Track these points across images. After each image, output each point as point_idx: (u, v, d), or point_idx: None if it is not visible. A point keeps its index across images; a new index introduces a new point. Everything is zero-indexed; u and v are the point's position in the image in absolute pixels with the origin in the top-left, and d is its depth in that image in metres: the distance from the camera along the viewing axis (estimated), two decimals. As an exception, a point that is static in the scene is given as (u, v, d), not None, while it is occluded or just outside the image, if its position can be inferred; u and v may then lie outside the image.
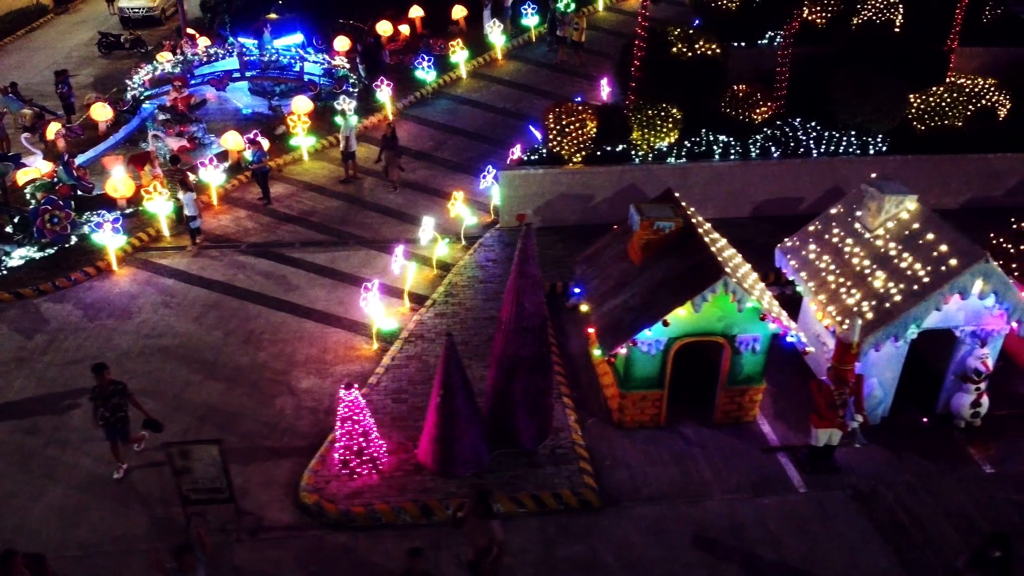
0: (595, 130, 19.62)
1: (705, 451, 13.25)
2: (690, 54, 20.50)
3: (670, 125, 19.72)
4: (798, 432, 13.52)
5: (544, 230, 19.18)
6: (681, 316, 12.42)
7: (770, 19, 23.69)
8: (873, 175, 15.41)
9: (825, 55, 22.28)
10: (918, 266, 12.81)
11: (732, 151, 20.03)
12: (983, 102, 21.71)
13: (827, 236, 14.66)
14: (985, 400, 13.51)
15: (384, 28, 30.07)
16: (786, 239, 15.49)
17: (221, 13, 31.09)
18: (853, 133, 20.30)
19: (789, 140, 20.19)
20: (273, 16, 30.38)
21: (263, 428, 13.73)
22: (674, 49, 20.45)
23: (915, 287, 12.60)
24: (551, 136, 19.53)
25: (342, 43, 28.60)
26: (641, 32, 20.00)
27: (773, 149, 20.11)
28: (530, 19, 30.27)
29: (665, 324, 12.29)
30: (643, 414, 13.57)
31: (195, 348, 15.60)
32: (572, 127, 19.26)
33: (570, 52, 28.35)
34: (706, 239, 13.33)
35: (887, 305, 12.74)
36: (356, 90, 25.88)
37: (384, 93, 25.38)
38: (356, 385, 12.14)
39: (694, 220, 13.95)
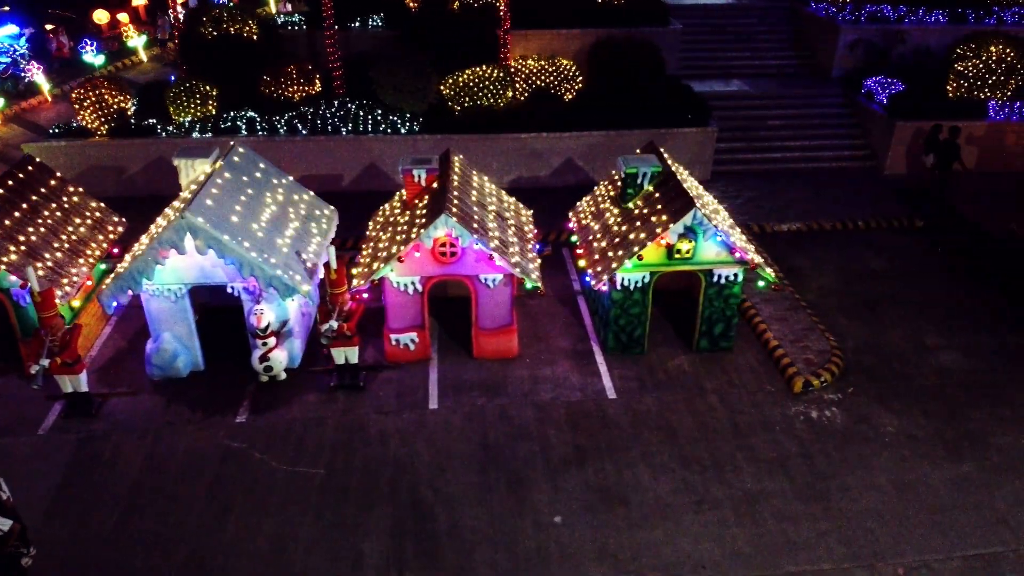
0: (122, 104, 20.48)
1: (1, 400, 14.03)
2: (216, 33, 21.24)
3: (198, 101, 20.52)
4: (105, 380, 14.36)
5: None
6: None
7: (362, 4, 24.41)
8: (236, 145, 16.11)
9: (394, 37, 22.99)
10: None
11: (259, 127, 20.75)
12: (539, 83, 22.19)
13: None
14: (278, 354, 14.11)
15: (100, 16, 31.15)
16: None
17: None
18: (380, 112, 20.93)
19: (317, 118, 20.86)
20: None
21: None
22: (202, 29, 21.21)
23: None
24: (76, 109, 20.43)
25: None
26: (174, 12, 20.82)
27: (300, 126, 20.79)
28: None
29: None
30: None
31: None
32: (90, 101, 20.13)
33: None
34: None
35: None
36: (25, 76, 26.97)
37: (39, 76, 26.42)
38: None
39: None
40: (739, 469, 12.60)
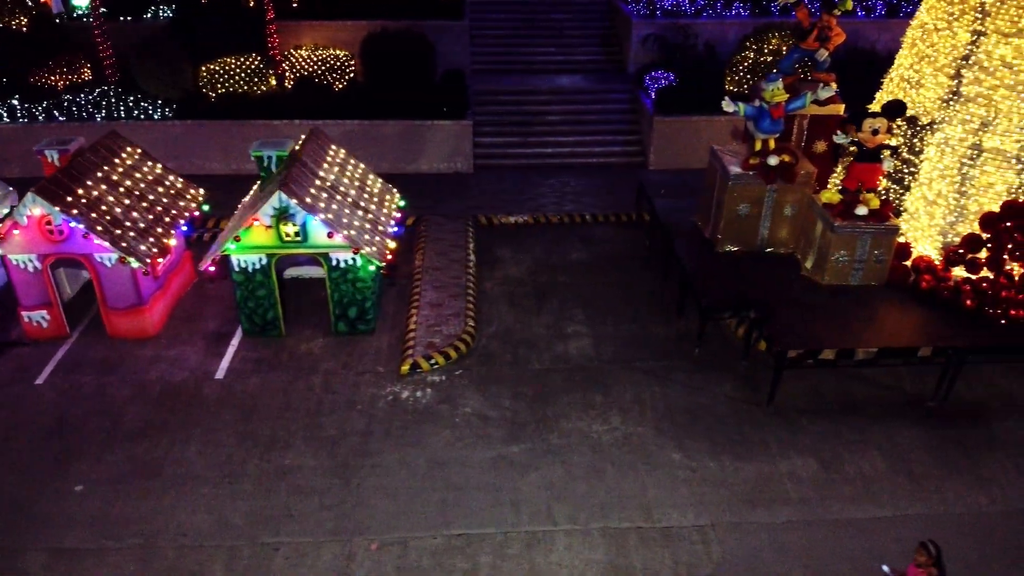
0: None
1: None
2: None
3: (-38, 90, 21.23)
4: None
5: None
6: None
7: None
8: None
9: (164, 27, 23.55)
10: None
11: (20, 115, 21.33)
12: (306, 72, 22.52)
13: None
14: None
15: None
16: None
17: None
18: (133, 99, 21.41)
19: (74, 106, 21.39)
20: None
21: None
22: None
23: None
24: None
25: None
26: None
27: (57, 114, 21.34)
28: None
29: None
30: None
31: None
32: None
33: None
34: None
35: None
36: None
37: None
38: None
39: None
40: (290, 446, 12.79)
